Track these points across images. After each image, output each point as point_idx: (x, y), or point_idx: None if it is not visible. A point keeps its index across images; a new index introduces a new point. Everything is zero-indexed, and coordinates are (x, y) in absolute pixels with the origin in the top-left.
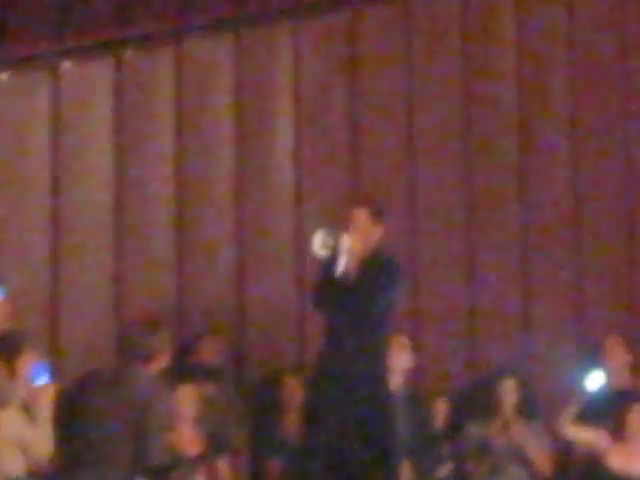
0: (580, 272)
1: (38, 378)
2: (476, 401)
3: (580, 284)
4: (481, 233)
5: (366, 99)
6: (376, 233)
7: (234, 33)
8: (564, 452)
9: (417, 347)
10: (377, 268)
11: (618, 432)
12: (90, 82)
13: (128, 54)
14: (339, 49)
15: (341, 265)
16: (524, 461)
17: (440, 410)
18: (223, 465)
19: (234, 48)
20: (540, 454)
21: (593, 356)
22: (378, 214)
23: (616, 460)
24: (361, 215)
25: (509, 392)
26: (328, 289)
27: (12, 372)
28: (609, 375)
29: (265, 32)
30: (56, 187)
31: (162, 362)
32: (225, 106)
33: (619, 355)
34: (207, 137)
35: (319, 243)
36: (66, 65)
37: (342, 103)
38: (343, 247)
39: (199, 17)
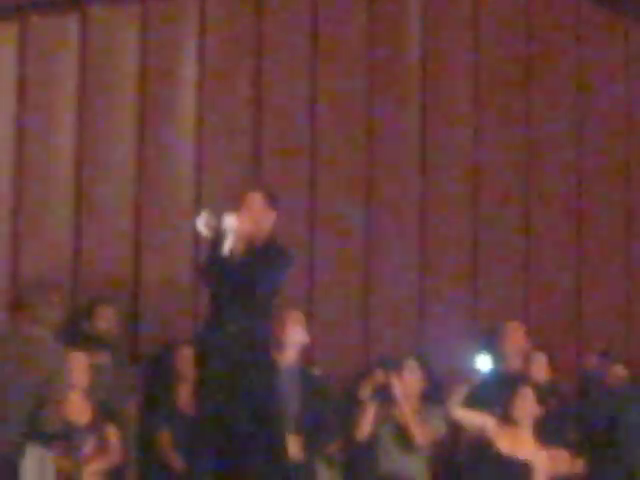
0: (475, 258)
1: None
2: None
3: (476, 270)
4: (379, 214)
5: (270, 74)
6: (269, 218)
7: (141, 3)
8: (453, 434)
9: (312, 324)
10: (265, 253)
11: (506, 416)
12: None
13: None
14: (245, 23)
15: (227, 245)
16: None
17: None
18: (112, 434)
19: (140, 18)
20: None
21: (486, 340)
22: (272, 200)
23: (503, 443)
24: (255, 198)
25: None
26: (214, 266)
27: None
28: (503, 360)
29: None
30: None
31: (53, 324)
32: (129, 74)
33: (517, 341)
34: (110, 109)
35: (202, 223)
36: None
37: (247, 77)
38: (228, 227)
39: None
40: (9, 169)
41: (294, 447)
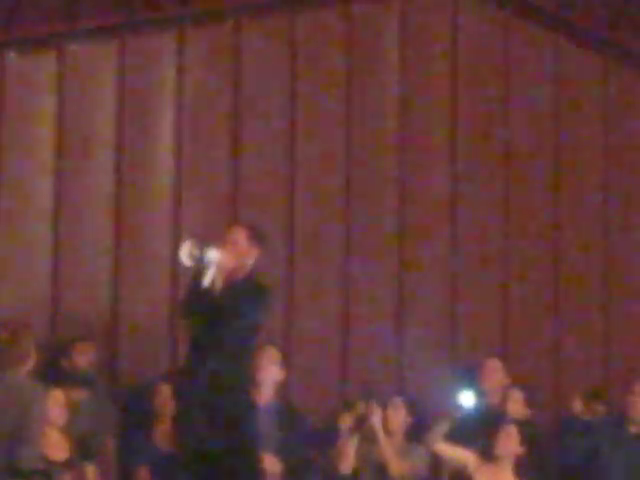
0: (454, 294)
1: None
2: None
3: (453, 305)
4: (357, 251)
5: (248, 110)
6: (252, 255)
7: (119, 39)
8: (433, 468)
9: (290, 364)
10: (245, 290)
11: (487, 452)
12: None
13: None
14: (223, 58)
15: (208, 278)
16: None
17: None
18: (91, 471)
19: (119, 53)
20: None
21: (467, 376)
22: (257, 237)
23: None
24: (239, 234)
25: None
26: (194, 300)
27: None
28: (484, 396)
29: (151, 39)
30: None
31: (29, 365)
32: (106, 113)
33: (496, 377)
34: (87, 142)
35: (185, 253)
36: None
37: (224, 112)
38: (211, 261)
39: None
40: None
41: None
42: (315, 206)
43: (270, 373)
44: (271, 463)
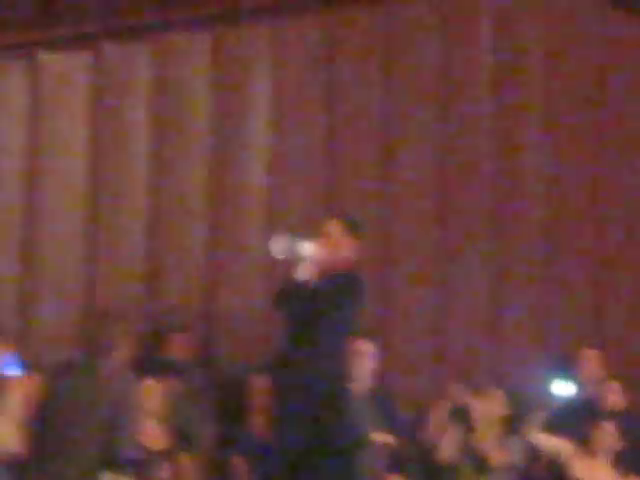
0: (549, 284)
1: (8, 369)
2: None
3: (549, 295)
4: (453, 247)
5: (343, 99)
6: (348, 247)
7: (212, 29)
8: (530, 458)
9: (385, 353)
10: (340, 282)
11: (584, 444)
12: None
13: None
14: (317, 52)
15: (301, 271)
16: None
17: None
18: (187, 461)
19: (213, 46)
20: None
21: (563, 366)
22: (353, 228)
23: (579, 470)
24: (334, 226)
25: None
26: (288, 292)
27: None
28: (580, 386)
29: (244, 30)
30: (31, 175)
31: (121, 354)
32: (201, 106)
33: (593, 368)
34: (183, 136)
35: (278, 246)
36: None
37: (319, 102)
38: (305, 253)
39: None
40: (84, 200)
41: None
42: (411, 192)
43: (365, 364)
44: (384, 437)
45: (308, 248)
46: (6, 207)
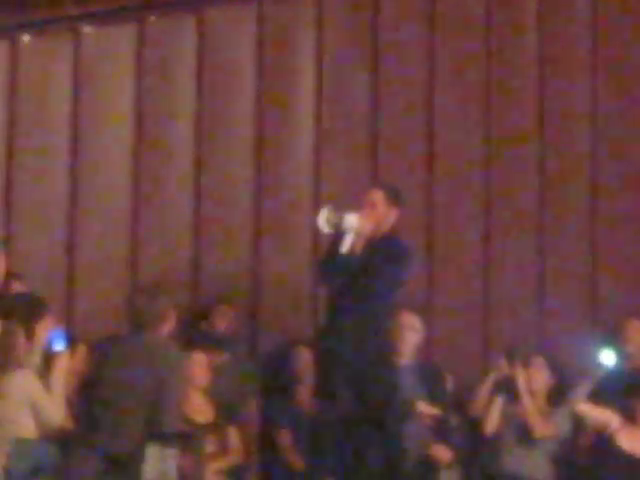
0: (594, 255)
1: (55, 344)
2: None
3: (595, 267)
4: (498, 218)
5: (388, 77)
6: (391, 215)
7: (259, 5)
8: (576, 430)
9: (430, 325)
10: (385, 250)
11: (629, 415)
12: (110, 47)
13: (150, 20)
14: (362, 23)
15: (347, 243)
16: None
17: None
18: (233, 434)
19: (256, 16)
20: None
21: (608, 337)
22: (395, 197)
23: (626, 441)
24: (377, 196)
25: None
26: (333, 264)
27: (30, 336)
28: (626, 357)
29: (288, 6)
30: (75, 152)
31: (167, 327)
32: (246, 78)
33: (639, 338)
34: (228, 106)
35: (323, 220)
36: (88, 29)
37: (364, 79)
38: (350, 225)
39: None
40: (127, 175)
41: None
42: (455, 163)
43: (410, 337)
44: (429, 408)
45: (353, 220)
46: (51, 184)
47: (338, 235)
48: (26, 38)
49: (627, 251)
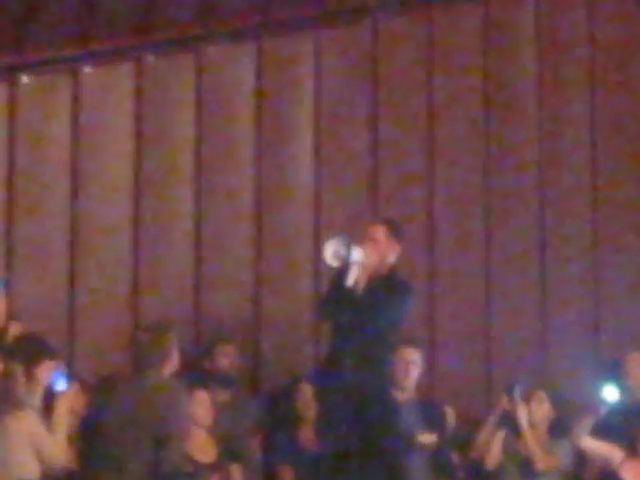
0: (598, 289)
1: (56, 384)
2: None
3: (597, 301)
4: (499, 247)
5: (386, 108)
6: (392, 252)
7: (256, 41)
8: (579, 464)
9: (431, 362)
10: (387, 287)
11: (632, 449)
12: (110, 86)
13: (149, 59)
14: (360, 58)
15: (351, 277)
16: None
17: None
18: (237, 472)
19: (256, 56)
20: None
21: (611, 371)
22: (397, 233)
23: (630, 475)
24: (379, 231)
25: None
26: (335, 299)
27: (30, 377)
28: (628, 391)
29: (287, 41)
30: (75, 192)
31: (171, 366)
32: (246, 116)
33: (639, 372)
34: (227, 146)
35: (330, 253)
36: (87, 69)
37: (363, 113)
38: (355, 259)
39: (220, 24)
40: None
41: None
42: (455, 198)
43: (410, 371)
44: (427, 437)
45: (359, 253)
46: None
47: (342, 270)
48: (25, 79)
49: (630, 284)
